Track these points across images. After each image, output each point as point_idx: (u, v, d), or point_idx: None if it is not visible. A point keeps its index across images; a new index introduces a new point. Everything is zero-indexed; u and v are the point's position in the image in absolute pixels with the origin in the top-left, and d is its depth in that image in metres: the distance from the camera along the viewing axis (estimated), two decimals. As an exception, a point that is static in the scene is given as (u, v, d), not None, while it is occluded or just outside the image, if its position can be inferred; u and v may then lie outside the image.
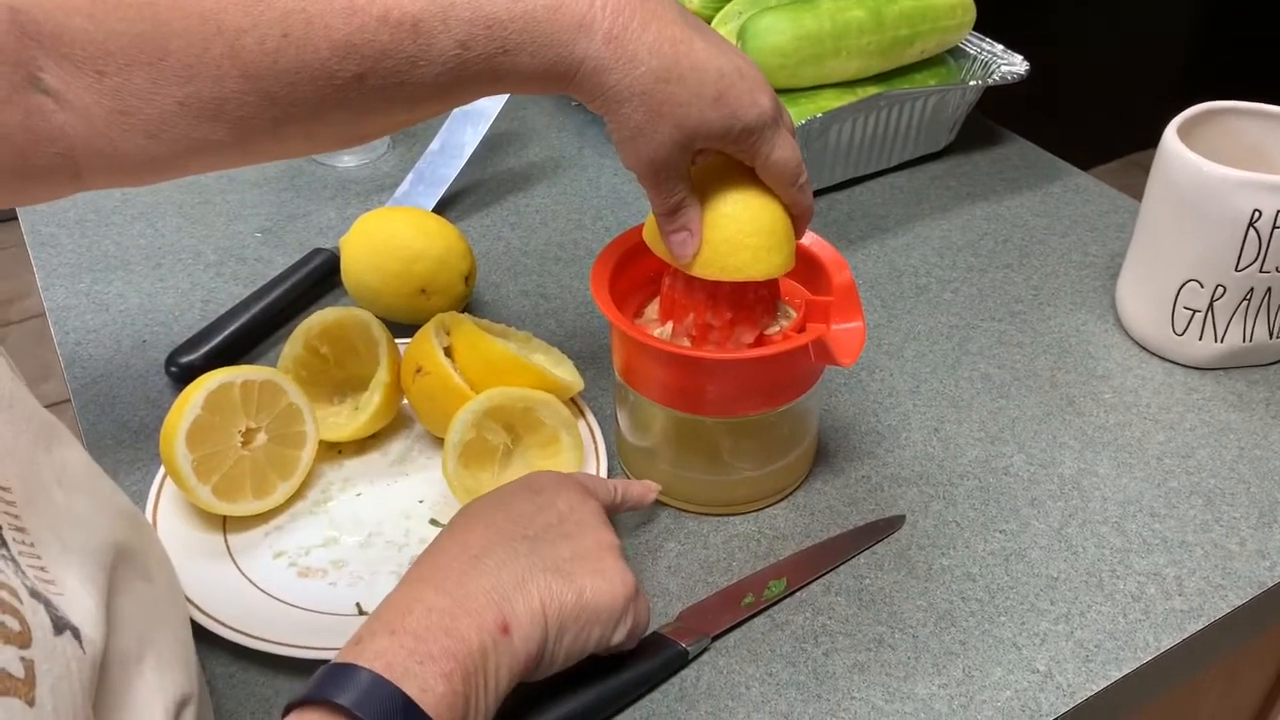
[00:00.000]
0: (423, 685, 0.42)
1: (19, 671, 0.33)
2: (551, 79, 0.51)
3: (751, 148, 0.53)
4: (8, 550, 0.37)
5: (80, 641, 0.37)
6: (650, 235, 0.58)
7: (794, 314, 0.62)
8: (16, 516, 0.38)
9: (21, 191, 0.54)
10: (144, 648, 0.43)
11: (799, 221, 0.57)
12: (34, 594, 0.36)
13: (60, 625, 0.36)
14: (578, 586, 0.48)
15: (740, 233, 0.55)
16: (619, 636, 0.50)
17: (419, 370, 0.62)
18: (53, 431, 0.43)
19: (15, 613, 0.34)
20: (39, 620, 0.35)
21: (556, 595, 0.48)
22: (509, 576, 0.47)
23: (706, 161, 0.56)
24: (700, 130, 0.51)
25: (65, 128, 0.50)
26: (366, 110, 0.52)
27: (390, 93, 0.51)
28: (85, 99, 0.50)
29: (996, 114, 0.99)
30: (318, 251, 0.80)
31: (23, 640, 0.34)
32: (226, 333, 0.73)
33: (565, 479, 0.54)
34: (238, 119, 0.51)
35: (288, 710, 0.43)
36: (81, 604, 0.39)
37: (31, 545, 0.38)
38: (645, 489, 0.60)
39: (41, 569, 0.38)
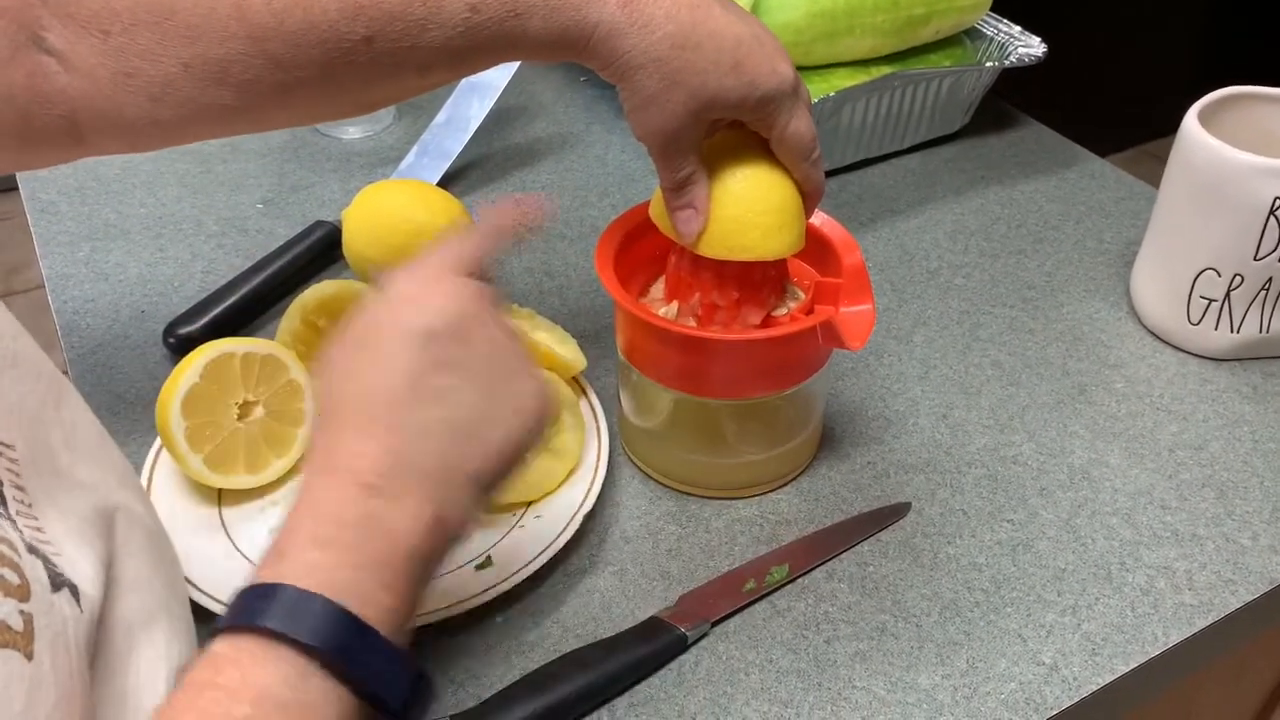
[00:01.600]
0: (364, 598, 0.37)
1: (18, 625, 0.32)
2: (564, 45, 0.50)
3: (769, 117, 0.52)
4: (5, 509, 0.36)
5: (78, 600, 0.36)
6: (657, 212, 0.57)
7: (802, 295, 0.61)
8: (18, 475, 0.38)
9: (24, 155, 0.53)
10: (156, 613, 0.43)
11: (809, 199, 0.56)
12: (31, 549, 0.36)
13: (58, 582, 0.36)
14: (495, 443, 0.42)
15: (750, 211, 0.53)
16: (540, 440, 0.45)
17: (419, 346, 0.61)
18: (62, 390, 0.43)
19: (14, 566, 0.34)
20: (36, 575, 0.35)
21: (477, 463, 0.42)
22: (432, 463, 0.40)
23: (716, 137, 0.55)
24: (718, 98, 0.50)
25: (68, 89, 0.49)
26: (375, 76, 0.51)
27: (399, 57, 0.50)
28: (89, 60, 0.49)
29: (1010, 100, 0.98)
30: (319, 224, 0.79)
31: (22, 594, 0.33)
32: (226, 304, 0.72)
33: (394, 307, 0.43)
34: (243, 83, 0.50)
35: (213, 635, 0.37)
36: (78, 565, 0.38)
37: (30, 505, 0.38)
38: (502, 213, 0.48)
39: (38, 529, 0.38)
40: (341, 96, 0.53)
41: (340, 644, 0.36)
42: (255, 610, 0.36)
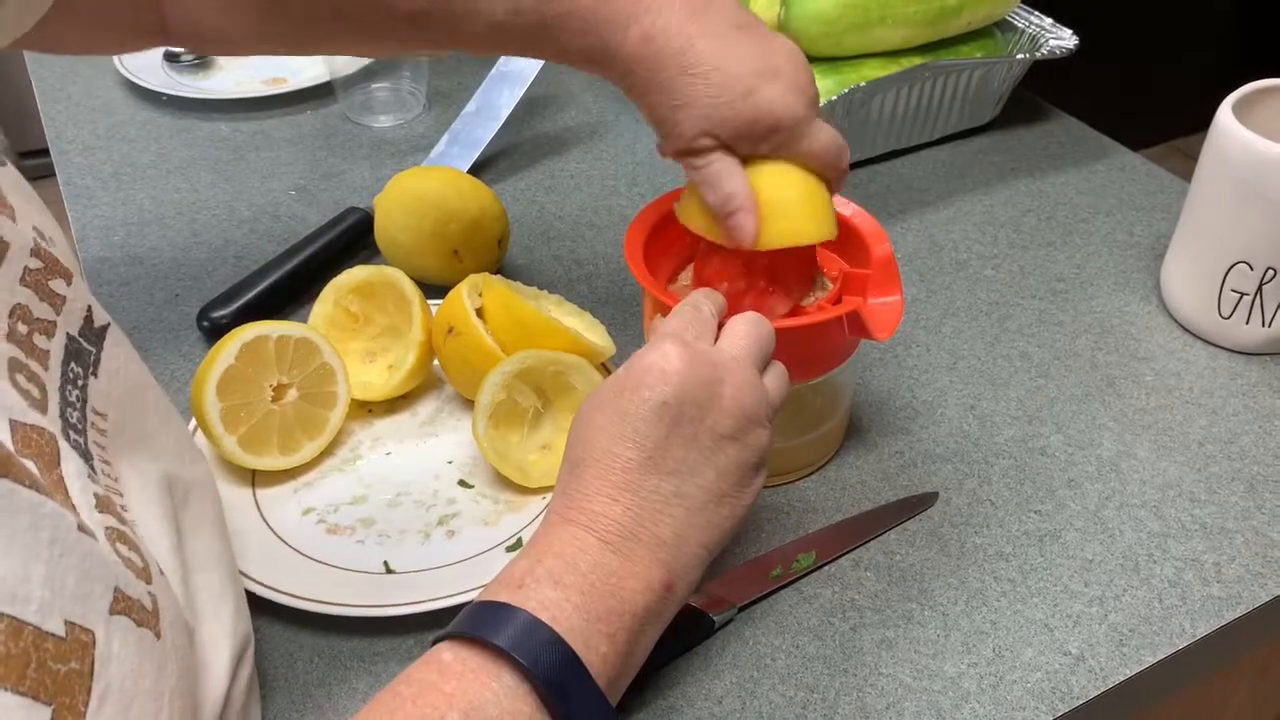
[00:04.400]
0: (587, 642, 0.40)
1: (149, 605, 0.34)
2: (589, 62, 0.55)
3: (783, 145, 0.54)
4: (99, 488, 0.37)
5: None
6: (685, 212, 0.57)
7: (830, 285, 0.61)
8: (104, 448, 0.40)
9: (129, 42, 0.61)
10: (223, 591, 0.44)
11: (835, 187, 0.58)
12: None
13: (156, 566, 0.38)
14: (727, 513, 0.46)
15: (790, 198, 0.54)
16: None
17: (451, 330, 0.62)
18: (140, 362, 0.45)
19: (137, 549, 0.36)
20: (150, 557, 0.37)
21: (712, 532, 0.46)
22: (668, 531, 0.44)
23: None
24: (723, 126, 0.53)
25: None
26: (418, 41, 0.57)
27: (442, 33, 0.55)
28: None
29: (1041, 93, 0.97)
30: (352, 210, 0.80)
31: (146, 576, 0.35)
32: (259, 289, 0.73)
33: (644, 374, 0.45)
34: (302, 21, 0.56)
35: (435, 643, 0.41)
36: (160, 544, 0.40)
37: (116, 480, 0.40)
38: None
39: (124, 507, 0.39)
40: (384, 47, 0.61)
41: (556, 677, 0.39)
42: (488, 626, 0.39)
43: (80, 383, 0.39)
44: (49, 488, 0.32)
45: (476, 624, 0.40)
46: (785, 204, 0.54)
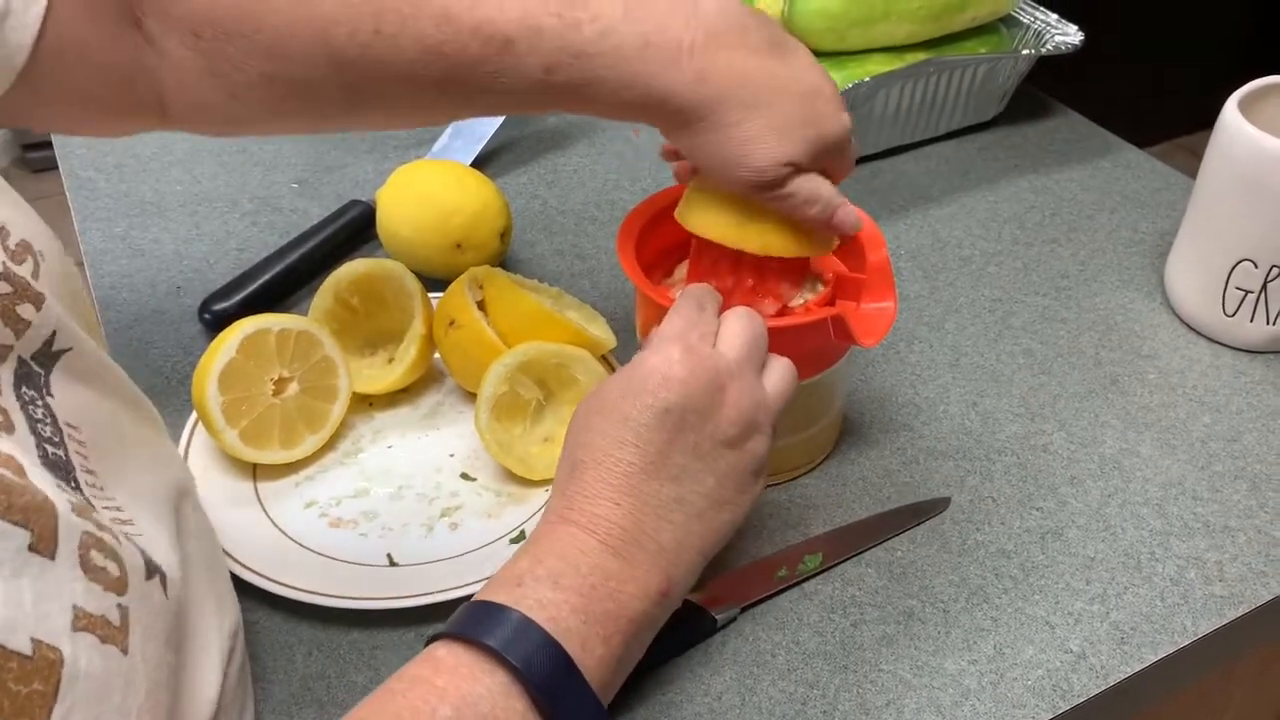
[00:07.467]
0: (584, 644, 0.40)
1: (116, 619, 0.34)
2: (633, 112, 0.51)
3: (837, 159, 0.53)
4: (82, 494, 0.37)
5: (165, 586, 0.38)
6: (691, 219, 0.56)
7: (822, 287, 0.60)
8: (85, 457, 0.39)
9: (116, 124, 0.57)
10: (210, 585, 0.44)
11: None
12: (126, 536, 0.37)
13: (151, 568, 0.37)
14: (726, 518, 0.47)
15: None
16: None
17: (452, 323, 0.62)
18: (119, 375, 0.45)
19: (115, 557, 0.35)
20: (135, 563, 0.36)
21: (710, 538, 0.46)
22: (668, 537, 0.44)
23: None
24: (795, 151, 0.51)
25: (158, 71, 0.51)
26: (441, 110, 0.54)
27: (468, 99, 0.52)
28: (178, 52, 0.51)
29: (1045, 90, 0.97)
30: (354, 203, 0.80)
31: (120, 587, 0.34)
32: (261, 281, 0.73)
33: (647, 379, 0.46)
34: (317, 99, 0.52)
35: (429, 642, 0.41)
36: (157, 543, 0.40)
37: (101, 489, 0.39)
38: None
39: (117, 509, 0.39)
40: (405, 120, 0.58)
41: (549, 679, 0.39)
42: (483, 627, 0.39)
43: (39, 402, 0.38)
44: (22, 489, 0.31)
45: (470, 624, 0.40)
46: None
